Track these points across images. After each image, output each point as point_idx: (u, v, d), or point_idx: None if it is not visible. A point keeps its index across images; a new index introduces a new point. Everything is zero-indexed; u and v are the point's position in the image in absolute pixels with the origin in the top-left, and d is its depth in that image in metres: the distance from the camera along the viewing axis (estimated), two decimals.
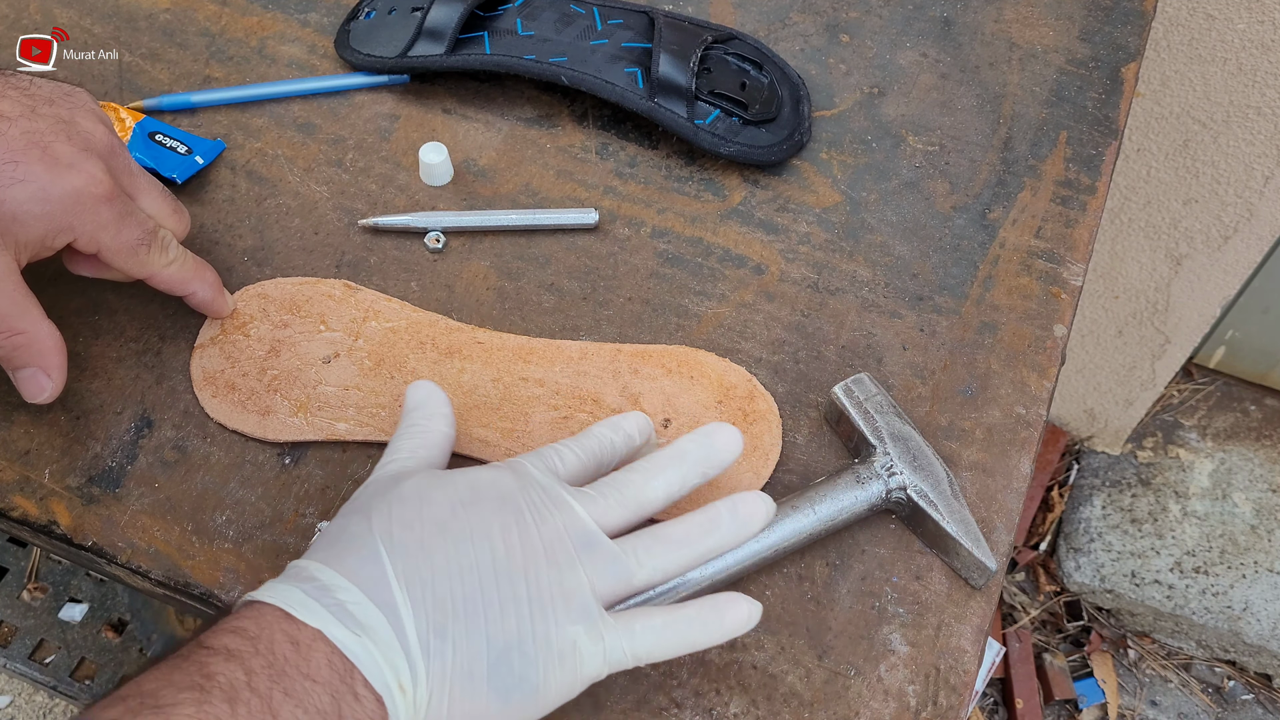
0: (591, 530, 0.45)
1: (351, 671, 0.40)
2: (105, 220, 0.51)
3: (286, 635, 0.40)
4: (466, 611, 0.42)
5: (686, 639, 0.45)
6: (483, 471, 0.46)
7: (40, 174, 0.48)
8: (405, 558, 0.42)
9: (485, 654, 0.42)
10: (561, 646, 0.43)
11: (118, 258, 0.52)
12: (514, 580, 0.43)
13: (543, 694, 0.43)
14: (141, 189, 0.54)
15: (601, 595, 0.45)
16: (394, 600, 0.41)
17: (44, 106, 0.51)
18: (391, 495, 0.45)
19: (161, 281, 0.55)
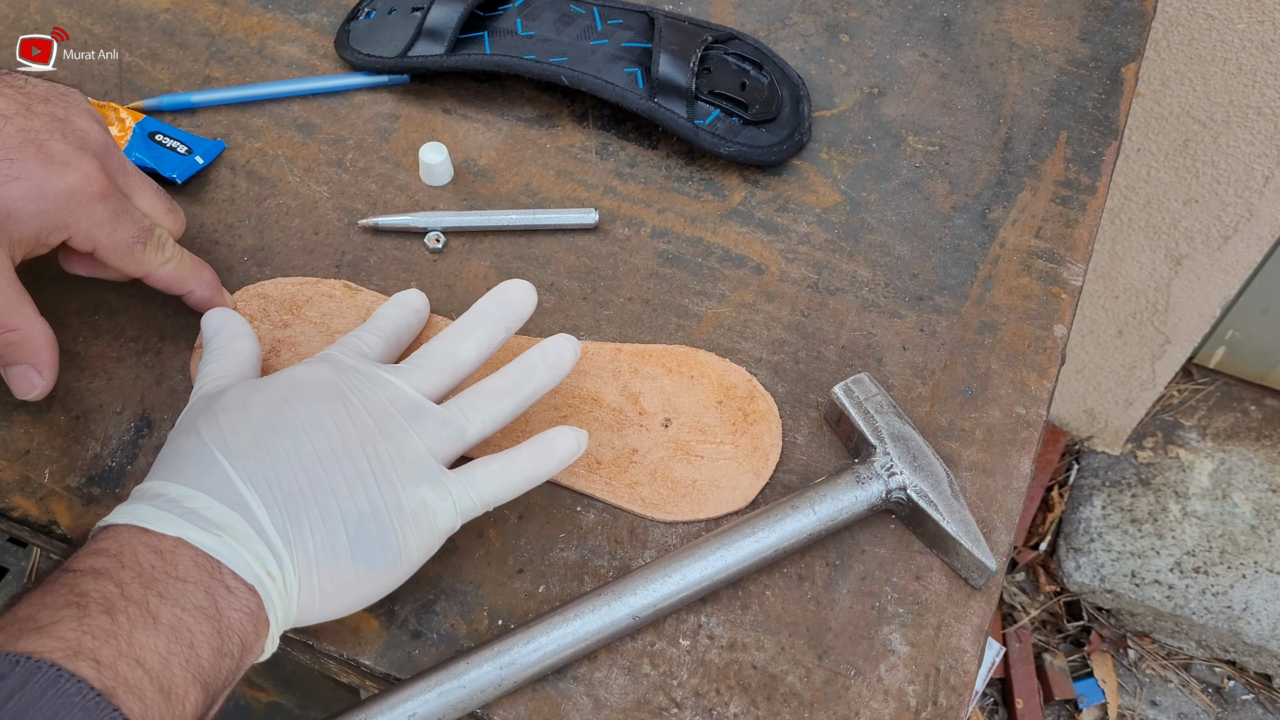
0: (416, 399, 0.48)
1: (218, 567, 0.42)
2: (100, 218, 0.51)
3: (148, 547, 0.41)
4: (316, 496, 0.44)
5: (525, 475, 0.49)
6: (297, 369, 0.49)
7: (35, 171, 0.49)
8: (244, 459, 0.44)
9: (343, 530, 0.44)
10: (413, 508, 0.46)
11: (114, 256, 0.52)
12: (355, 458, 0.45)
13: (405, 555, 0.46)
14: (136, 188, 0.54)
15: (440, 456, 0.48)
16: (244, 499, 0.43)
17: (39, 105, 0.51)
18: (215, 407, 0.47)
19: (158, 280, 0.55)
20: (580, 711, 0.49)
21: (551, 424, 0.56)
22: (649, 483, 0.55)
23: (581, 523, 0.54)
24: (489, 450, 0.52)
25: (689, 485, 0.55)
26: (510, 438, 0.55)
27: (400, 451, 0.47)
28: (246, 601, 0.42)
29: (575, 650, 0.49)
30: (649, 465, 0.55)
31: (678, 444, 0.56)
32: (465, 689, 0.47)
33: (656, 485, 0.55)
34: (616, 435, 0.56)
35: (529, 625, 0.49)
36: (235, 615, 0.41)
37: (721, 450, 0.56)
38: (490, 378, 0.51)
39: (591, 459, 0.55)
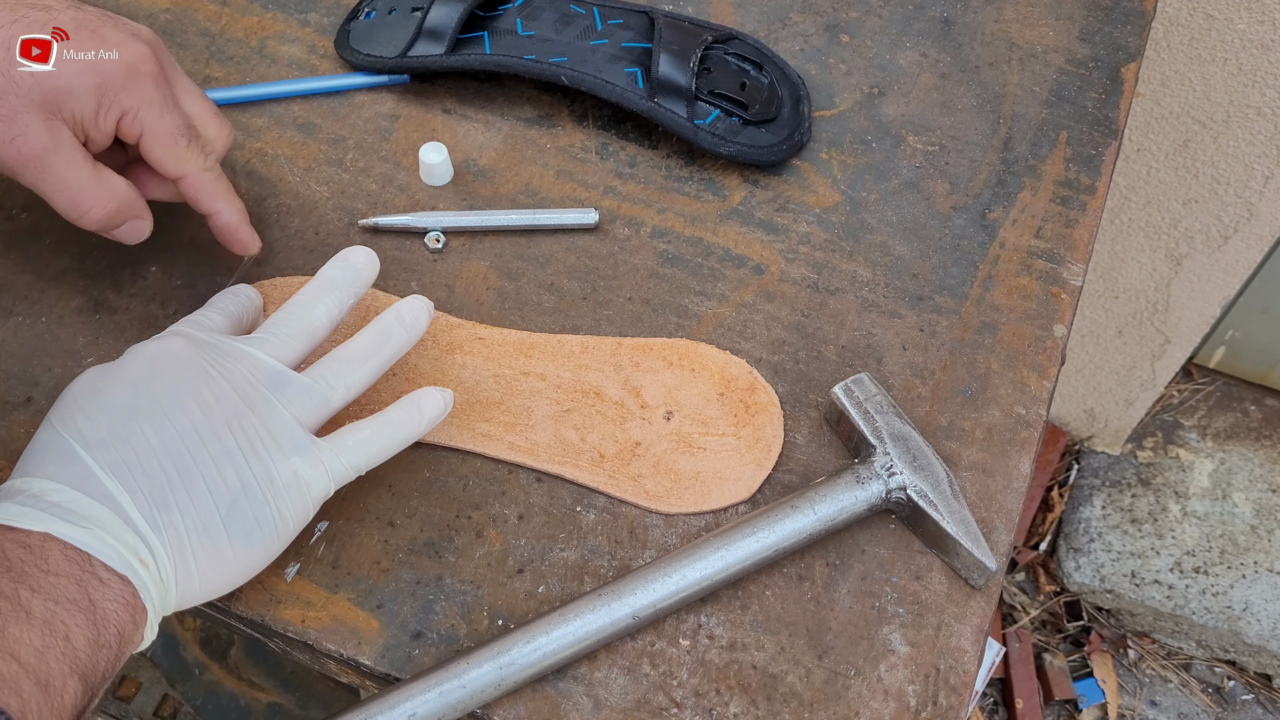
0: (277, 368, 0.48)
1: (89, 559, 0.41)
2: (151, 98, 0.51)
3: (16, 543, 0.41)
4: (184, 479, 0.44)
5: (395, 439, 0.49)
6: (149, 345, 0.48)
7: (88, 47, 0.49)
8: (103, 449, 0.44)
9: (215, 510, 0.44)
10: (286, 480, 0.46)
11: (157, 144, 0.52)
12: (221, 436, 0.45)
13: (281, 528, 0.46)
14: (184, 88, 0.54)
15: (307, 424, 0.48)
16: (107, 489, 0.43)
17: (88, 8, 0.52)
18: (66, 398, 0.46)
19: (193, 186, 0.55)
20: (580, 711, 0.49)
21: (556, 427, 0.56)
22: (652, 475, 0.55)
23: (581, 523, 0.54)
24: (353, 414, 0.52)
25: (692, 477, 0.55)
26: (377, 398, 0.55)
27: (267, 424, 0.46)
28: (120, 592, 0.42)
29: (575, 650, 0.49)
30: (652, 458, 0.55)
31: (680, 436, 0.56)
32: (465, 689, 0.47)
33: (660, 478, 0.55)
34: (619, 428, 0.56)
35: (529, 625, 0.49)
36: (110, 606, 0.41)
37: (724, 442, 0.56)
38: (349, 342, 0.51)
39: (595, 453, 0.55)
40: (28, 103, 0.48)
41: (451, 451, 0.55)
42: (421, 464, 0.55)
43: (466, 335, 0.58)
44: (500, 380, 0.57)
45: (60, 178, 0.50)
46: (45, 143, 0.49)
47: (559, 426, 0.56)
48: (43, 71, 0.48)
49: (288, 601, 0.51)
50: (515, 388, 0.57)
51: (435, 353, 0.58)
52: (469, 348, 0.58)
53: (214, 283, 0.59)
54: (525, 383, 0.57)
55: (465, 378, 0.57)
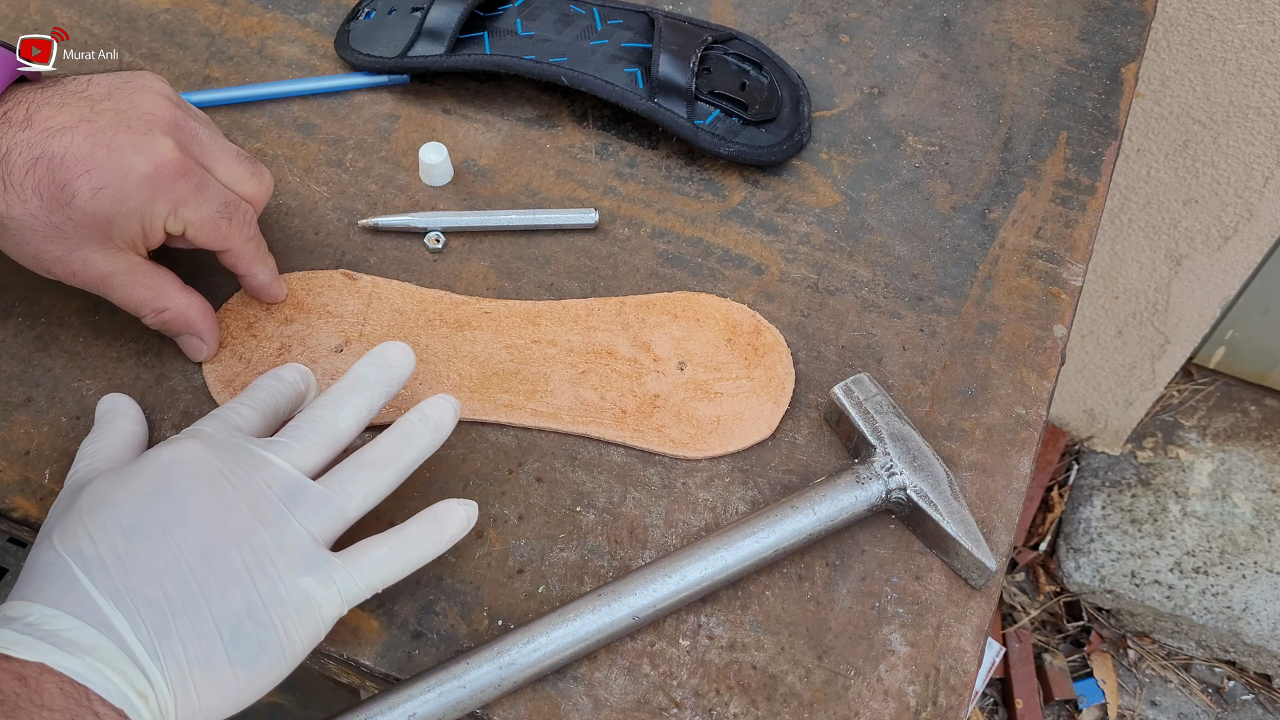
0: (294, 477, 0.46)
1: (86, 693, 0.39)
2: (183, 195, 0.51)
3: (10, 674, 0.39)
4: (185, 603, 0.42)
5: (414, 558, 0.47)
6: (163, 451, 0.46)
7: (112, 174, 0.49)
8: (103, 572, 0.42)
9: (218, 636, 0.42)
10: (295, 601, 0.44)
11: (201, 233, 0.53)
12: (227, 555, 0.43)
13: (289, 651, 0.44)
14: (215, 157, 0.54)
15: (322, 538, 0.45)
16: (106, 617, 0.41)
17: (101, 104, 0.51)
18: (73, 511, 0.44)
19: (235, 256, 0.55)
20: (580, 711, 0.49)
21: (574, 389, 0.57)
22: (675, 424, 0.56)
23: (581, 523, 0.54)
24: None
25: (714, 422, 0.56)
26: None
27: (279, 540, 0.44)
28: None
29: (575, 650, 0.49)
30: (672, 408, 0.57)
31: (696, 384, 0.57)
32: (465, 689, 0.47)
33: (683, 425, 0.56)
34: (636, 384, 0.57)
35: (529, 625, 0.49)
36: None
37: (739, 385, 0.57)
38: (370, 446, 0.48)
39: (617, 409, 0.56)
40: (81, 239, 0.50)
41: (451, 452, 0.55)
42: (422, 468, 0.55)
43: (473, 310, 0.59)
44: (513, 351, 0.58)
45: (120, 296, 0.53)
46: (104, 270, 0.52)
47: (578, 388, 0.57)
48: (86, 203, 0.49)
49: None
50: (529, 356, 0.58)
51: (445, 331, 0.58)
52: (477, 322, 0.59)
53: (213, 283, 0.59)
54: (537, 350, 0.58)
55: (478, 352, 0.58)
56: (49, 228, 0.50)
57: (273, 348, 0.58)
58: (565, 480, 0.55)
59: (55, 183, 0.49)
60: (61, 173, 0.49)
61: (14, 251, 0.51)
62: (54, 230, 0.50)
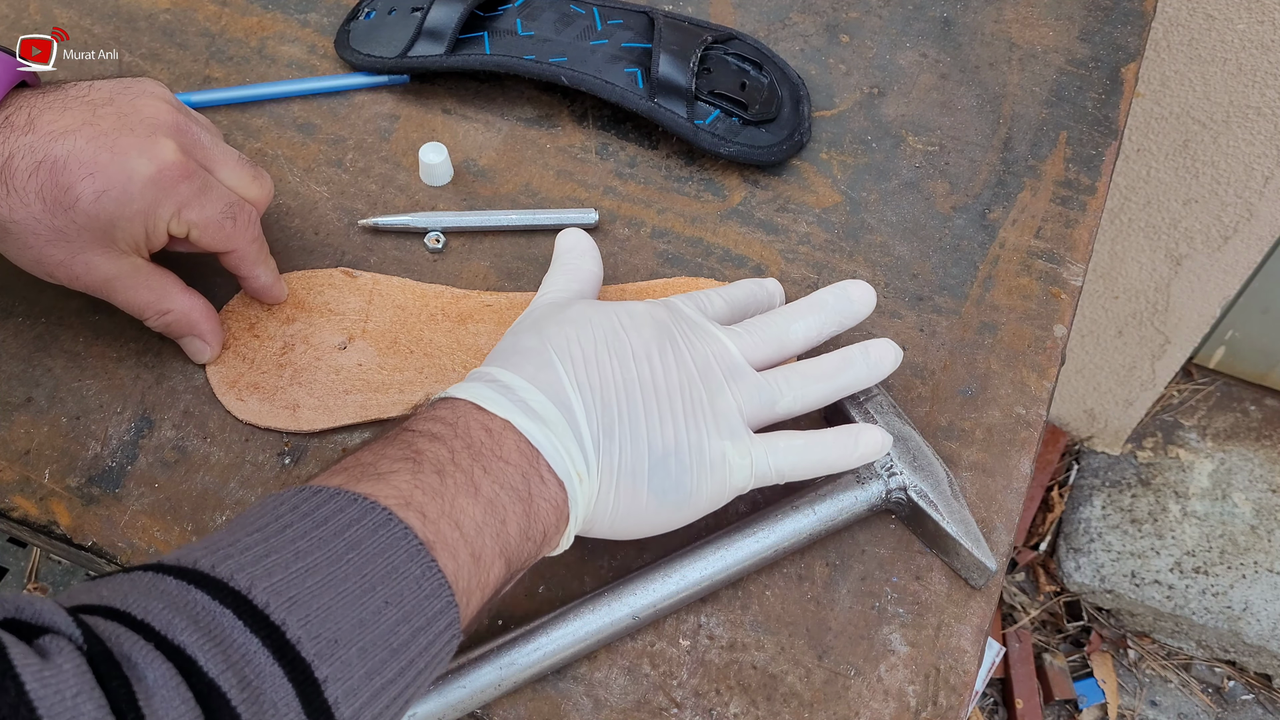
0: (739, 360, 0.50)
1: (537, 457, 0.44)
2: (187, 197, 0.52)
3: (480, 423, 0.44)
4: (630, 418, 0.47)
5: (825, 460, 0.50)
6: (638, 304, 0.51)
7: (115, 176, 0.49)
8: (576, 367, 0.47)
9: (646, 457, 0.46)
10: (713, 457, 0.48)
11: (206, 234, 0.53)
12: (671, 395, 0.48)
13: (694, 499, 0.48)
14: (217, 160, 0.54)
15: (748, 418, 0.49)
16: (570, 401, 0.46)
17: (103, 108, 0.51)
18: (560, 316, 0.49)
19: (239, 257, 0.55)
20: (580, 711, 0.49)
21: None
22: None
23: None
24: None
25: None
26: None
27: (713, 403, 0.48)
28: (555, 494, 0.44)
29: (575, 650, 0.49)
30: None
31: None
32: (465, 689, 0.47)
33: None
34: None
35: (529, 625, 0.49)
36: (543, 504, 0.44)
37: None
38: (810, 360, 0.52)
39: None
40: (84, 242, 0.51)
41: None
42: None
43: (474, 304, 0.59)
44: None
45: (124, 299, 0.54)
46: (108, 273, 0.52)
47: None
48: (89, 206, 0.49)
49: None
50: None
51: (447, 325, 0.58)
52: (479, 315, 0.59)
53: (213, 284, 0.59)
54: None
55: (482, 345, 0.58)
56: (52, 231, 0.50)
57: (275, 347, 0.58)
58: None
59: (58, 186, 0.49)
60: (65, 176, 0.49)
61: (17, 256, 0.51)
62: (57, 234, 0.50)
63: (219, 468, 0.55)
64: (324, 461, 0.55)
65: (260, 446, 0.56)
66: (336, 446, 0.56)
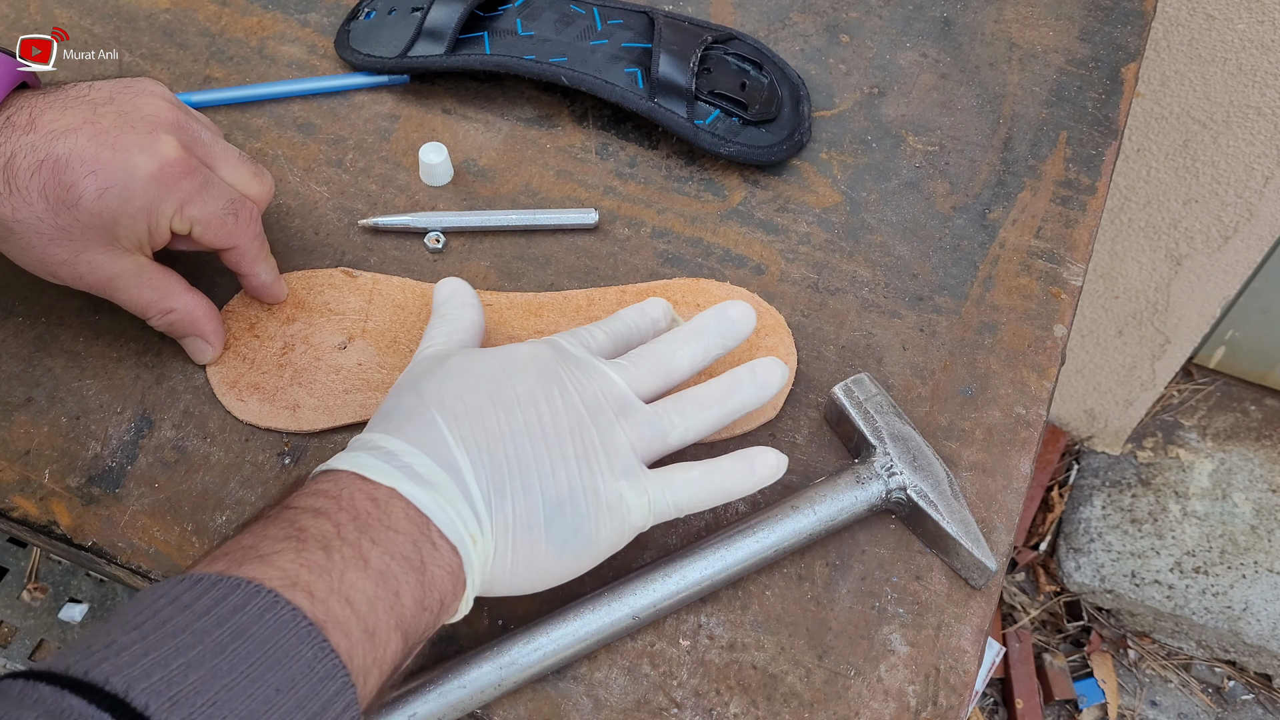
0: (628, 395, 0.49)
1: (427, 523, 0.43)
2: (189, 193, 0.52)
3: (365, 494, 0.43)
4: (521, 470, 0.45)
5: (722, 488, 0.49)
6: (520, 347, 0.50)
7: (117, 174, 0.50)
8: (460, 424, 0.46)
9: (541, 507, 0.45)
10: (610, 499, 0.47)
11: (209, 231, 0.53)
12: (561, 440, 0.47)
13: (595, 544, 0.47)
14: (218, 157, 0.55)
15: (641, 454, 0.48)
16: (456, 462, 0.45)
17: (104, 107, 0.51)
18: (439, 371, 0.48)
19: (241, 254, 0.55)
20: (580, 711, 0.49)
21: None
22: None
23: None
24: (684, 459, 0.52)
25: None
26: None
27: (605, 442, 0.47)
28: (449, 560, 0.43)
29: (575, 650, 0.49)
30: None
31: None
32: (465, 689, 0.47)
33: None
34: None
35: (529, 625, 0.49)
36: (438, 571, 0.43)
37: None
38: (700, 386, 0.51)
39: None
40: (88, 241, 0.51)
41: None
42: None
43: None
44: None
45: (127, 297, 0.54)
46: (111, 271, 0.52)
47: None
48: (92, 204, 0.49)
49: None
50: None
51: None
52: None
53: (214, 283, 0.59)
54: None
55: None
56: (55, 230, 0.50)
57: (275, 347, 0.58)
58: None
59: (61, 184, 0.49)
60: (67, 174, 0.49)
61: (20, 256, 0.51)
62: (60, 233, 0.50)
63: (219, 468, 0.55)
64: (324, 461, 0.55)
65: (260, 446, 0.56)
66: (337, 446, 0.56)
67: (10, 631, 1.22)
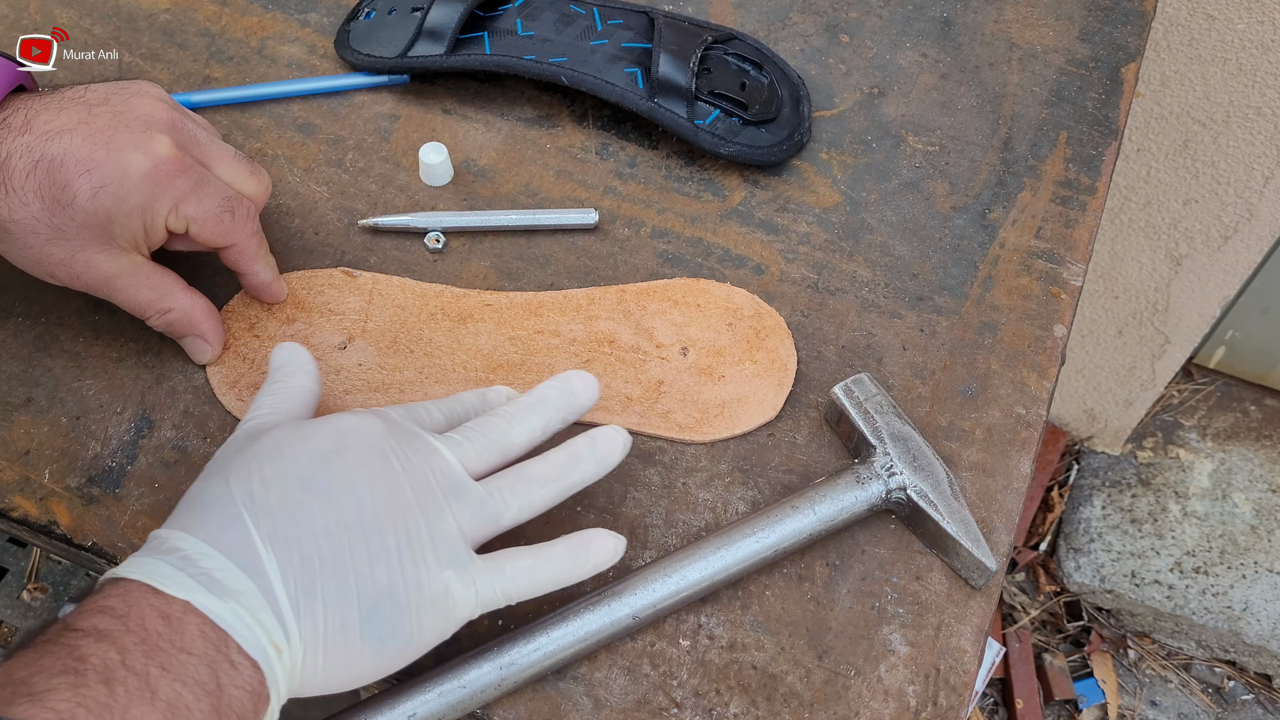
0: (459, 474, 0.46)
1: (225, 639, 0.40)
2: (183, 191, 0.52)
3: (156, 610, 0.39)
4: (335, 567, 0.42)
5: (555, 577, 0.47)
6: (345, 418, 0.46)
7: (112, 172, 0.50)
8: (268, 517, 0.42)
9: (357, 607, 0.42)
10: (434, 592, 0.44)
11: (205, 229, 0.53)
12: (382, 531, 0.43)
13: (416, 639, 0.44)
14: (214, 156, 0.54)
15: (471, 538, 0.46)
16: (260, 563, 0.41)
17: (99, 107, 0.51)
18: (249, 452, 0.45)
19: (239, 253, 0.55)
20: (580, 711, 0.49)
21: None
22: (681, 409, 0.57)
23: (581, 523, 0.54)
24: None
25: (719, 405, 0.57)
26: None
27: (432, 529, 0.44)
28: (249, 678, 0.40)
29: (575, 650, 0.49)
30: (677, 392, 0.57)
31: (700, 369, 0.58)
32: (465, 689, 0.47)
33: (688, 410, 0.57)
34: (640, 371, 0.58)
35: (529, 625, 0.49)
36: (236, 693, 0.40)
37: (742, 369, 0.58)
38: (535, 461, 0.48)
39: (622, 396, 0.57)
40: (84, 240, 0.51)
41: None
42: None
43: (474, 303, 0.60)
44: (516, 342, 0.58)
45: (125, 297, 0.53)
46: (108, 271, 0.52)
47: None
48: (87, 203, 0.49)
49: None
50: (532, 347, 0.58)
51: (447, 324, 0.59)
52: (479, 315, 0.59)
53: (214, 283, 0.59)
54: (540, 341, 0.58)
55: (482, 344, 0.58)
56: (51, 230, 0.50)
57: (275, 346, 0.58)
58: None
59: (56, 184, 0.49)
60: (62, 174, 0.49)
61: (16, 257, 0.51)
62: (56, 232, 0.50)
63: None
64: None
65: None
66: None
67: (10, 631, 1.22)
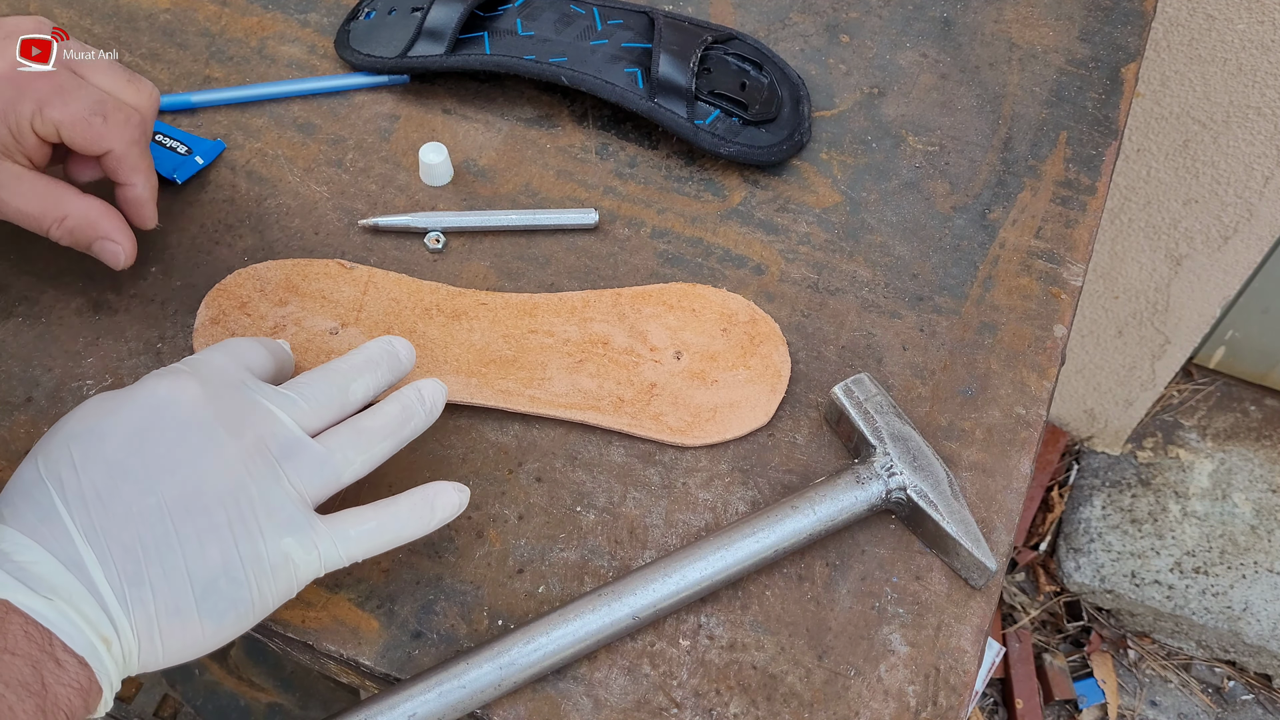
0: (295, 435, 0.45)
1: (49, 638, 0.38)
2: (45, 94, 0.51)
3: None
4: (161, 552, 0.41)
5: (401, 534, 0.46)
6: (160, 385, 0.44)
7: None
8: (82, 509, 0.41)
9: (190, 589, 0.41)
10: (274, 561, 0.43)
11: (75, 133, 0.51)
12: (209, 510, 0.42)
13: (258, 607, 0.43)
14: (87, 65, 0.53)
15: (312, 498, 0.45)
16: (79, 555, 0.40)
17: None
18: (61, 433, 0.43)
19: (116, 160, 0.53)
20: (580, 711, 0.49)
21: (571, 377, 0.57)
22: (672, 412, 0.56)
23: (581, 523, 0.54)
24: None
25: (710, 410, 0.57)
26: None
27: (266, 497, 0.43)
28: (76, 675, 0.39)
29: (575, 650, 0.49)
30: (669, 396, 0.57)
31: (693, 373, 0.58)
32: (465, 689, 0.47)
33: (680, 413, 0.56)
34: (633, 373, 0.57)
35: (529, 625, 0.49)
36: (63, 690, 0.38)
37: (735, 374, 0.58)
38: (372, 413, 0.47)
39: (614, 398, 0.57)
40: None
41: (451, 451, 0.55)
42: (421, 465, 0.55)
43: (470, 302, 0.59)
44: (510, 340, 0.58)
45: (14, 210, 0.52)
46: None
47: (575, 377, 0.57)
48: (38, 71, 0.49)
49: (288, 602, 0.51)
50: (526, 345, 0.58)
51: (441, 320, 0.58)
52: (474, 313, 0.59)
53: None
54: (534, 340, 0.58)
55: (476, 340, 0.58)
56: None
57: (266, 326, 0.58)
58: (565, 480, 0.55)
59: None
60: None
61: None
62: None
63: None
64: None
65: None
66: None
67: None
